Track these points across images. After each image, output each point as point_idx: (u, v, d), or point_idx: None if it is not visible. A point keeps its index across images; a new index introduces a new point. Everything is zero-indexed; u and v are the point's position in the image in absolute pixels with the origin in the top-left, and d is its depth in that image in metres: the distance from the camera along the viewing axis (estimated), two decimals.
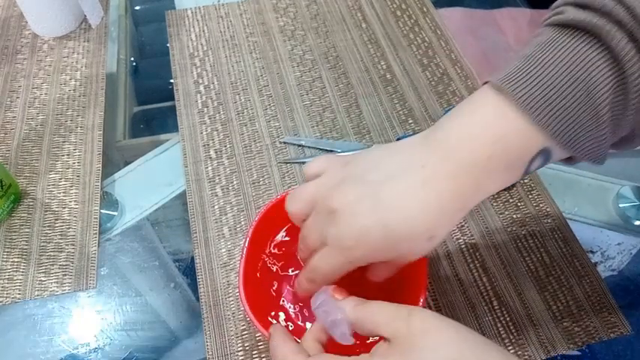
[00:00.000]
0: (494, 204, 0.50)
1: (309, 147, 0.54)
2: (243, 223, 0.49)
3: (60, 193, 0.50)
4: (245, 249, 0.40)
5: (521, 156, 0.30)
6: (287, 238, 0.44)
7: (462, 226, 0.48)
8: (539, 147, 0.29)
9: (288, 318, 0.41)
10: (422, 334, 0.27)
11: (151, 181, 0.53)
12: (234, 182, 0.51)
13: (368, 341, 0.37)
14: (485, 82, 0.31)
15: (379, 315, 0.29)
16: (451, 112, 0.32)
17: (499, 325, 0.43)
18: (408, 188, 0.30)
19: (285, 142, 0.54)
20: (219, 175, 0.52)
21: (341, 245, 0.31)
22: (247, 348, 0.42)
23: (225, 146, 0.54)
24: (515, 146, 0.29)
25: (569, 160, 0.33)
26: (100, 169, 0.52)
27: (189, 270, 0.47)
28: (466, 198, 0.31)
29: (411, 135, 0.55)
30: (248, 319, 0.42)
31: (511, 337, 0.42)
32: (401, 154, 0.32)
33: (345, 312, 0.31)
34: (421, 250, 0.32)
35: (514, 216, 0.49)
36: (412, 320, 0.28)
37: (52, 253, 0.47)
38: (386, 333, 0.28)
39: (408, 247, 0.31)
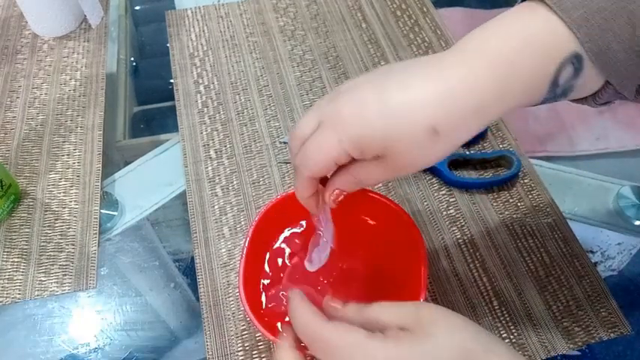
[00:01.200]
0: (494, 204, 0.50)
1: None
2: (243, 223, 0.49)
3: (60, 193, 0.50)
4: (245, 249, 0.40)
5: (551, 56, 0.27)
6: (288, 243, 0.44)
7: (462, 225, 0.48)
8: (571, 50, 0.27)
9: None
10: (432, 324, 0.27)
11: (151, 181, 0.53)
12: (234, 182, 0.51)
13: None
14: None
15: (384, 315, 0.29)
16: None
17: (499, 325, 0.43)
18: (418, 73, 0.28)
19: (285, 142, 0.54)
20: (219, 175, 0.52)
21: (335, 119, 0.29)
22: (247, 348, 0.42)
23: (225, 146, 0.54)
24: (545, 44, 0.27)
25: (597, 99, 0.30)
26: (100, 169, 0.52)
27: (189, 270, 0.47)
28: (484, 99, 0.27)
29: None
30: (248, 319, 0.42)
31: (511, 336, 0.42)
32: (416, 60, 0.30)
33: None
34: (421, 149, 0.28)
35: (514, 216, 0.49)
36: (420, 313, 0.28)
37: (52, 253, 0.47)
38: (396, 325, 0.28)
39: (406, 138, 0.28)
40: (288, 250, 0.43)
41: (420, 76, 0.28)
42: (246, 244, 0.40)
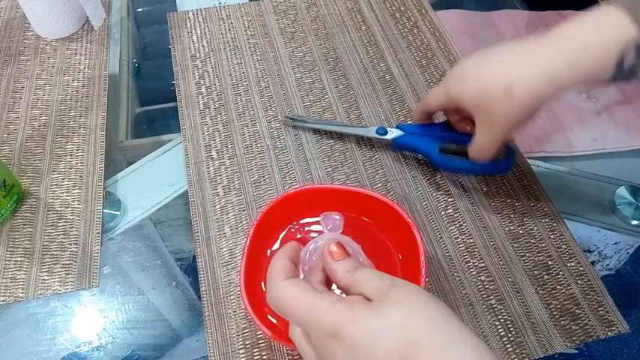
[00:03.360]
0: (492, 203, 0.51)
1: (311, 127, 0.56)
2: (244, 222, 0.49)
3: (63, 192, 0.51)
4: (246, 248, 0.40)
5: (616, 38, 0.36)
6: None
7: (461, 225, 0.49)
8: (631, 36, 0.35)
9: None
10: (392, 304, 0.27)
11: (153, 181, 0.53)
12: (236, 182, 0.52)
13: None
14: None
15: (366, 283, 0.29)
16: None
17: (497, 323, 0.44)
18: (507, 50, 0.41)
19: (289, 118, 0.56)
20: (220, 175, 0.52)
21: (444, 81, 0.47)
22: (248, 346, 0.42)
23: (227, 147, 0.54)
24: (612, 28, 0.36)
25: None
26: (103, 169, 0.52)
27: (190, 269, 0.48)
28: (555, 67, 0.37)
29: (409, 124, 0.56)
30: (249, 317, 0.42)
31: (509, 335, 0.43)
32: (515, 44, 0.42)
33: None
34: (501, 105, 0.40)
35: (512, 215, 0.50)
36: (391, 290, 0.28)
37: (55, 253, 0.47)
38: (368, 296, 0.29)
39: (489, 95, 0.40)
40: None
41: (508, 49, 0.42)
42: (248, 244, 0.41)
